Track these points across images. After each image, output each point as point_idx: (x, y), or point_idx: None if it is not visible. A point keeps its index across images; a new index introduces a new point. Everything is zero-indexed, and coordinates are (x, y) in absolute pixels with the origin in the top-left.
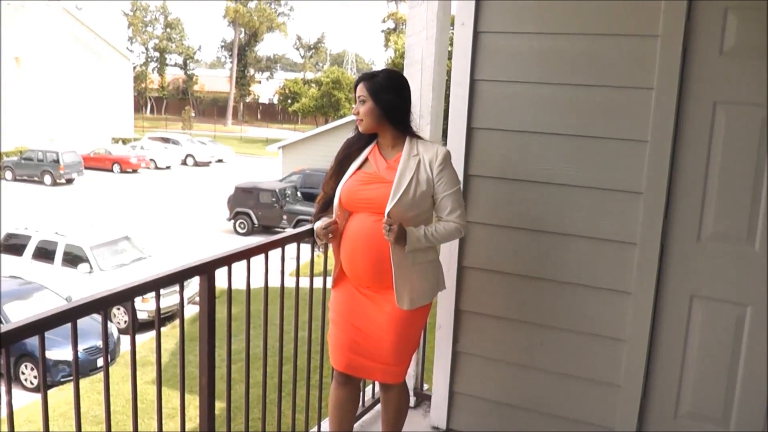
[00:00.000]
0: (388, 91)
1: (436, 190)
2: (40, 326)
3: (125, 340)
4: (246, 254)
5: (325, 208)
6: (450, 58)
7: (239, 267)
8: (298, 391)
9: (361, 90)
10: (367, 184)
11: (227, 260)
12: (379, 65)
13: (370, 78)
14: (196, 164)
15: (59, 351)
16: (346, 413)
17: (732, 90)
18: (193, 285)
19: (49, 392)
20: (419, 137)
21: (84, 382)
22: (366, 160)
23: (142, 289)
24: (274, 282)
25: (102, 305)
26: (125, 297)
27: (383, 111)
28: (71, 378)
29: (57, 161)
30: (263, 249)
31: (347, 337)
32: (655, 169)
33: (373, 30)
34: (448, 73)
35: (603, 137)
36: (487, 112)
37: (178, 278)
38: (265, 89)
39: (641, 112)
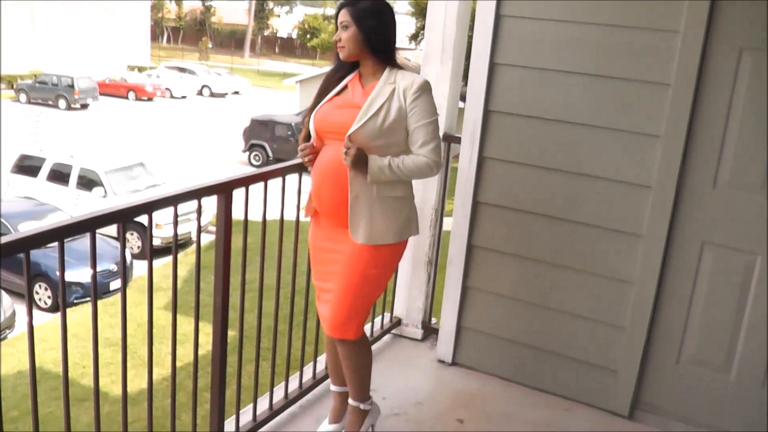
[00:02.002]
0: (372, 17)
1: (409, 120)
2: (60, 233)
3: (137, 265)
4: (264, 176)
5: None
6: None
7: (255, 195)
8: (309, 323)
9: (343, 15)
10: (338, 108)
11: (245, 181)
12: (401, 2)
13: (353, 3)
14: (212, 95)
15: (72, 272)
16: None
17: (760, 36)
18: (205, 215)
19: (73, 314)
20: (401, 68)
21: None
22: (345, 87)
23: (161, 203)
24: (290, 215)
25: (121, 217)
26: (143, 210)
27: (366, 37)
28: (84, 299)
29: (72, 86)
30: (281, 173)
31: (317, 283)
32: (676, 113)
33: None
34: (473, 12)
35: (625, 78)
36: (510, 49)
37: (196, 195)
38: (284, 23)
39: (666, 54)
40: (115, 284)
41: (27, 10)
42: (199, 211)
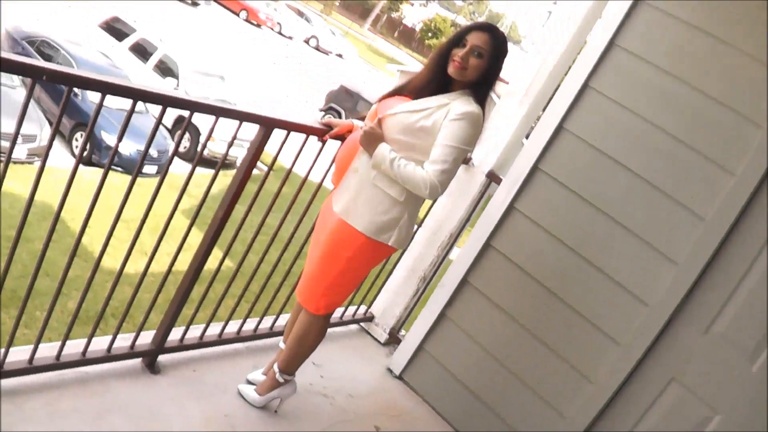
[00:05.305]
0: (502, 57)
1: (438, 137)
2: (106, 87)
3: (177, 162)
4: (307, 130)
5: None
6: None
7: (293, 146)
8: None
9: (483, 42)
10: (394, 101)
11: (289, 125)
12: (528, 41)
13: (495, 33)
14: (317, 48)
15: (114, 137)
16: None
17: None
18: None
19: (95, 174)
20: (471, 97)
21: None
22: None
23: (205, 107)
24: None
25: (164, 101)
26: (187, 106)
27: (488, 73)
28: (115, 168)
29: None
30: (322, 132)
31: (310, 248)
32: (699, 247)
33: (541, 6)
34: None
35: (667, 193)
36: (582, 120)
37: (240, 116)
38: (414, 13)
39: (714, 188)
40: (148, 169)
41: None
42: (235, 135)
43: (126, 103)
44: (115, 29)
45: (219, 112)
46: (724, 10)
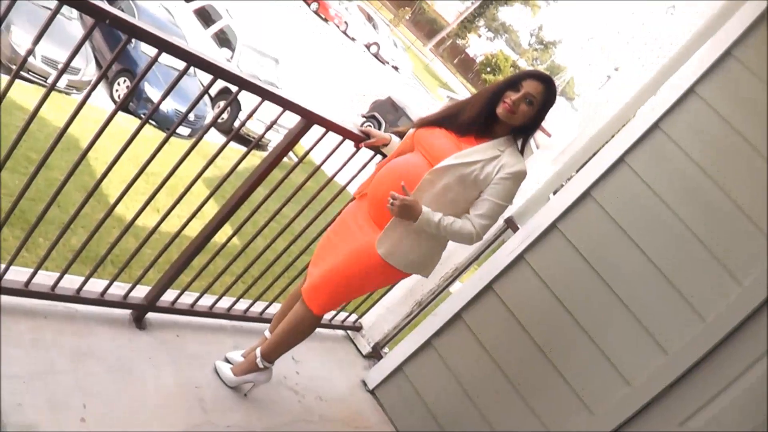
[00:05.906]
0: (550, 108)
1: (486, 189)
2: (164, 44)
3: (213, 132)
4: (346, 133)
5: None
6: None
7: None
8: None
9: (538, 92)
10: (444, 136)
11: (329, 125)
12: (580, 98)
13: (551, 88)
14: (375, 56)
15: (157, 93)
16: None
17: None
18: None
19: (127, 121)
20: (516, 146)
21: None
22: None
23: (254, 87)
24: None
25: (216, 72)
26: (237, 82)
27: (535, 121)
28: (152, 122)
29: None
30: (360, 139)
31: (320, 250)
32: (696, 345)
33: (601, 69)
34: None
35: (674, 285)
36: (608, 191)
37: (285, 104)
38: (479, 45)
39: (720, 293)
40: (181, 130)
41: None
42: (275, 120)
43: (175, 60)
44: None
45: (266, 95)
46: (761, 119)
